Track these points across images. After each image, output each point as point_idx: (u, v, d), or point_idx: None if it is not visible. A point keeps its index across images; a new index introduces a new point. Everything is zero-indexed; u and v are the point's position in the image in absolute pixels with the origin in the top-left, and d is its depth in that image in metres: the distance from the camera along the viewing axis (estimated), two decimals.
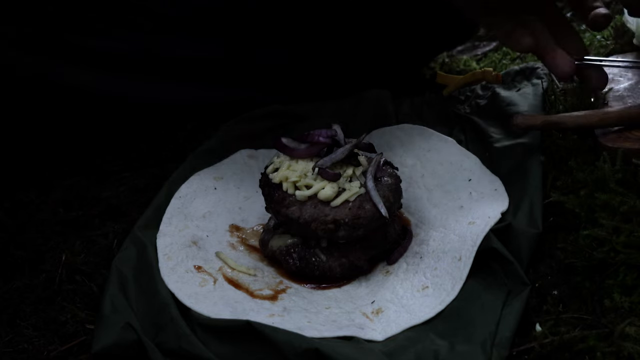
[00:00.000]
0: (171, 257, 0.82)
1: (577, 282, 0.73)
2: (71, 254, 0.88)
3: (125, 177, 1.04)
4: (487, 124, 0.97)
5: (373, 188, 0.81)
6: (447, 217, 0.85)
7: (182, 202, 0.91)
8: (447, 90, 1.08)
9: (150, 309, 0.75)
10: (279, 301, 0.78)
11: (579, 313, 0.69)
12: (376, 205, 0.80)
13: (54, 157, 1.08)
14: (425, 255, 0.81)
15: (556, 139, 0.89)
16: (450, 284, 0.76)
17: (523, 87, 1.05)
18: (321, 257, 0.82)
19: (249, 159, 1.00)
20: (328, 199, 0.80)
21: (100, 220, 0.95)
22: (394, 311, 0.75)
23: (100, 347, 0.71)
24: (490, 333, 0.68)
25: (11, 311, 0.81)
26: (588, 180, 0.79)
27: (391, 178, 0.84)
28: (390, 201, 0.81)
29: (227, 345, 0.71)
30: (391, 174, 0.85)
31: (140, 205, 0.96)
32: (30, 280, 0.85)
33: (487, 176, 0.88)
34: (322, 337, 0.71)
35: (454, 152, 0.92)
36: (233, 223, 0.91)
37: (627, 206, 0.73)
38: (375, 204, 0.80)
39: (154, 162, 1.06)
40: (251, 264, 0.85)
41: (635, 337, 0.64)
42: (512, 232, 0.78)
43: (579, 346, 0.65)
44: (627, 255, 0.71)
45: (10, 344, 0.77)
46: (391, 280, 0.80)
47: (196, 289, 0.78)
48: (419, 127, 0.97)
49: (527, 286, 0.72)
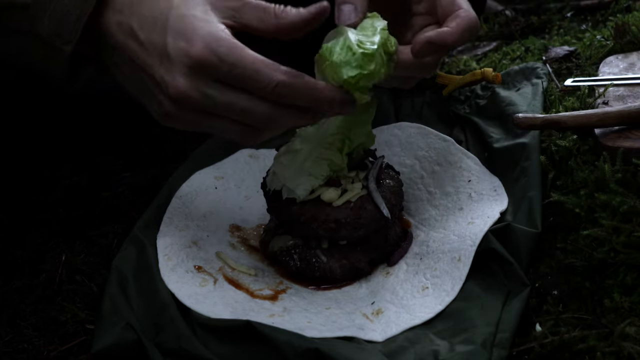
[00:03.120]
0: (171, 258, 0.82)
1: (577, 282, 0.73)
2: (71, 254, 0.88)
3: (125, 177, 1.04)
4: (486, 124, 0.97)
5: (375, 189, 0.81)
6: (447, 218, 0.85)
7: (182, 201, 0.91)
8: (447, 90, 1.08)
9: (150, 309, 0.75)
10: (279, 301, 0.78)
11: (579, 313, 0.69)
12: (378, 206, 0.80)
13: (54, 157, 1.08)
14: (425, 256, 0.81)
15: (556, 139, 0.89)
16: (450, 284, 0.76)
17: (523, 87, 1.05)
18: (322, 258, 0.82)
19: (250, 159, 1.00)
20: (331, 201, 0.80)
21: (100, 220, 0.95)
22: (394, 312, 0.75)
23: (100, 347, 0.71)
24: (490, 333, 0.68)
25: (11, 311, 0.81)
26: (588, 180, 0.79)
27: (392, 180, 0.84)
28: (392, 203, 0.82)
29: (227, 345, 0.71)
30: (393, 176, 0.85)
31: (140, 205, 0.96)
32: (30, 280, 0.85)
33: (487, 177, 0.88)
34: (322, 337, 0.71)
35: (453, 151, 0.92)
36: (233, 223, 0.91)
37: (627, 206, 0.73)
38: (377, 205, 0.80)
39: (154, 162, 1.06)
40: (251, 264, 0.85)
41: (635, 337, 0.64)
42: (511, 232, 0.78)
43: (579, 346, 0.65)
44: (627, 255, 0.71)
45: (10, 344, 0.77)
46: (391, 281, 0.80)
47: (196, 289, 0.78)
48: (417, 126, 0.97)
49: (527, 286, 0.72)
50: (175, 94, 0.69)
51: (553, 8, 1.57)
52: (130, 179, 1.04)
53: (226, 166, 0.98)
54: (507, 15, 1.61)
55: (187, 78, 0.68)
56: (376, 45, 0.74)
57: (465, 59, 1.36)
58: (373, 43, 0.74)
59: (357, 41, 0.74)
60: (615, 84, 0.96)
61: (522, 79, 1.08)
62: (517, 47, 1.36)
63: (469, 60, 1.34)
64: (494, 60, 1.31)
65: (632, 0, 1.41)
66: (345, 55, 0.73)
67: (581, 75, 1.11)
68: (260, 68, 0.68)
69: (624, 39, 1.13)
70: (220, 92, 0.69)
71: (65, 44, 0.75)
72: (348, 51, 0.73)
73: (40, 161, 1.07)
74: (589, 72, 1.10)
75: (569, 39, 1.32)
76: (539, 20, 1.52)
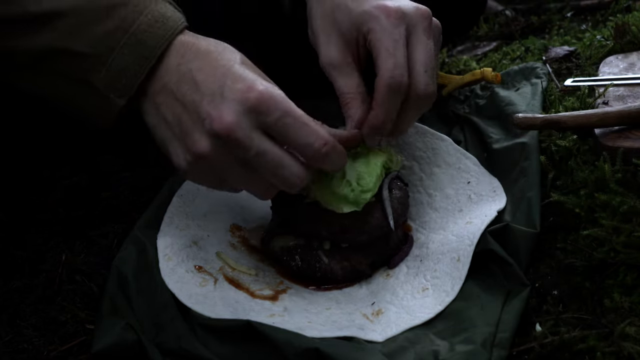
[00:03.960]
0: (171, 258, 0.81)
1: (577, 282, 0.73)
2: (71, 254, 0.88)
3: (125, 177, 1.04)
4: (486, 124, 0.97)
5: (388, 199, 0.81)
6: (447, 220, 0.85)
7: (183, 200, 0.91)
8: (447, 90, 1.08)
9: (150, 309, 0.75)
10: (279, 301, 0.78)
11: (579, 313, 0.69)
12: (387, 215, 0.80)
13: (54, 157, 1.08)
14: (425, 258, 0.82)
15: (556, 139, 0.89)
16: (449, 285, 0.76)
17: (522, 87, 1.05)
18: (323, 259, 0.82)
19: None
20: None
21: (100, 220, 0.95)
22: (394, 312, 0.75)
23: (100, 347, 0.71)
24: (490, 333, 0.68)
25: (11, 311, 0.81)
26: (588, 180, 0.79)
27: (400, 191, 0.84)
28: (398, 213, 0.82)
29: (227, 345, 0.71)
30: (401, 187, 0.85)
31: (140, 205, 0.95)
32: (30, 280, 0.85)
33: (486, 177, 0.88)
34: (322, 337, 0.71)
35: (451, 152, 0.92)
36: (234, 223, 0.91)
37: (627, 206, 0.73)
38: (386, 214, 0.80)
39: (154, 162, 1.06)
40: (252, 264, 0.85)
41: (635, 337, 0.64)
42: (510, 233, 0.78)
43: (579, 346, 0.65)
44: (627, 255, 0.71)
45: (10, 344, 0.77)
46: (391, 283, 0.80)
47: (196, 289, 0.78)
48: (415, 124, 0.97)
49: (526, 286, 0.72)
50: (219, 127, 0.68)
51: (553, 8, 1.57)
52: (130, 179, 1.04)
53: None
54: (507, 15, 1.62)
55: (236, 115, 0.68)
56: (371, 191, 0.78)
57: (465, 59, 1.36)
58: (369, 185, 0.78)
59: (356, 177, 0.78)
60: (615, 84, 0.96)
61: (521, 79, 1.08)
62: (517, 47, 1.36)
63: (468, 60, 1.34)
64: (494, 60, 1.31)
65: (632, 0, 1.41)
66: (343, 189, 0.78)
67: (581, 75, 1.11)
68: (309, 122, 0.70)
69: (624, 39, 1.13)
70: (262, 140, 0.69)
71: (120, 97, 0.74)
72: (347, 186, 0.78)
73: (40, 161, 1.07)
74: (589, 72, 1.10)
75: (569, 39, 1.32)
76: (539, 20, 1.52)
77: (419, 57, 0.78)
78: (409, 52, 0.78)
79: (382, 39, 0.77)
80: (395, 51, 0.76)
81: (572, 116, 0.84)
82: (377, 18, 0.78)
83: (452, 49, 1.50)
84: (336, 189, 0.77)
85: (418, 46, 0.78)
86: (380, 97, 0.77)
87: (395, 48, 0.76)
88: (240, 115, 0.68)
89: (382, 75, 0.76)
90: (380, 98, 0.77)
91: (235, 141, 0.68)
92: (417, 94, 0.78)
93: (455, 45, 1.52)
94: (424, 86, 0.78)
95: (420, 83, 0.78)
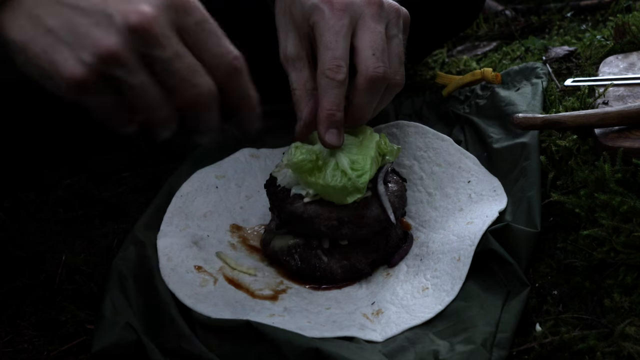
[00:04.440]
0: (171, 258, 0.82)
1: (577, 282, 0.73)
2: (71, 254, 0.88)
3: (125, 177, 1.04)
4: (486, 124, 0.97)
5: (384, 193, 0.81)
6: (447, 219, 0.85)
7: (183, 200, 0.91)
8: (447, 90, 1.08)
9: (150, 309, 0.75)
10: (279, 301, 0.78)
11: (579, 313, 0.69)
12: (385, 209, 0.80)
13: (54, 157, 1.08)
14: (425, 257, 0.81)
15: (556, 139, 0.89)
16: (449, 284, 0.76)
17: (522, 87, 1.05)
18: (323, 259, 0.82)
19: (251, 158, 1.00)
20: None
21: (100, 220, 0.95)
22: (394, 312, 0.75)
23: (100, 347, 0.71)
24: (490, 333, 0.68)
25: (11, 311, 0.81)
26: (588, 180, 0.79)
27: (397, 185, 0.84)
28: (395, 207, 0.82)
29: (228, 345, 0.71)
30: (397, 181, 0.85)
31: (140, 205, 0.96)
32: (30, 280, 0.85)
33: (486, 177, 0.88)
34: (322, 337, 0.71)
35: (452, 151, 0.92)
36: (234, 223, 0.91)
37: (627, 206, 0.73)
38: (384, 208, 0.80)
39: (154, 162, 1.06)
40: (252, 264, 0.85)
41: (635, 337, 0.64)
42: (510, 232, 0.78)
43: (579, 346, 0.65)
44: (627, 255, 0.71)
45: (10, 344, 0.77)
46: (391, 282, 0.80)
47: (196, 289, 0.78)
48: (415, 125, 0.97)
49: (526, 286, 0.72)
50: (136, 19, 0.59)
51: (553, 8, 1.57)
52: (130, 179, 1.04)
53: (227, 165, 0.98)
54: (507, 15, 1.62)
55: (156, 8, 0.61)
56: (367, 172, 0.78)
57: (465, 59, 1.36)
58: (364, 168, 0.78)
59: (349, 163, 0.78)
60: (615, 84, 0.96)
61: (521, 78, 1.08)
62: (517, 47, 1.36)
63: (469, 60, 1.34)
64: (494, 60, 1.31)
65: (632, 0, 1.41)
66: (340, 180, 0.77)
67: (581, 75, 1.11)
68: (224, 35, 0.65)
69: (624, 39, 1.13)
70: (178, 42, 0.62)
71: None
72: (343, 176, 0.78)
73: (40, 161, 1.07)
74: (589, 72, 1.10)
75: (569, 39, 1.32)
76: (539, 20, 1.52)
77: (365, 42, 0.78)
78: (355, 40, 0.78)
79: (324, 32, 0.77)
80: (333, 44, 0.77)
81: (572, 116, 0.84)
82: (321, 11, 0.78)
83: (452, 49, 1.50)
84: (333, 182, 0.77)
85: (364, 32, 0.78)
86: (321, 91, 0.77)
87: (336, 41, 0.77)
88: (160, 9, 0.61)
89: (319, 69, 0.77)
90: (321, 92, 0.77)
91: (152, 36, 0.60)
92: (367, 77, 0.77)
93: (455, 45, 1.52)
94: (373, 69, 0.77)
95: (369, 67, 0.77)
